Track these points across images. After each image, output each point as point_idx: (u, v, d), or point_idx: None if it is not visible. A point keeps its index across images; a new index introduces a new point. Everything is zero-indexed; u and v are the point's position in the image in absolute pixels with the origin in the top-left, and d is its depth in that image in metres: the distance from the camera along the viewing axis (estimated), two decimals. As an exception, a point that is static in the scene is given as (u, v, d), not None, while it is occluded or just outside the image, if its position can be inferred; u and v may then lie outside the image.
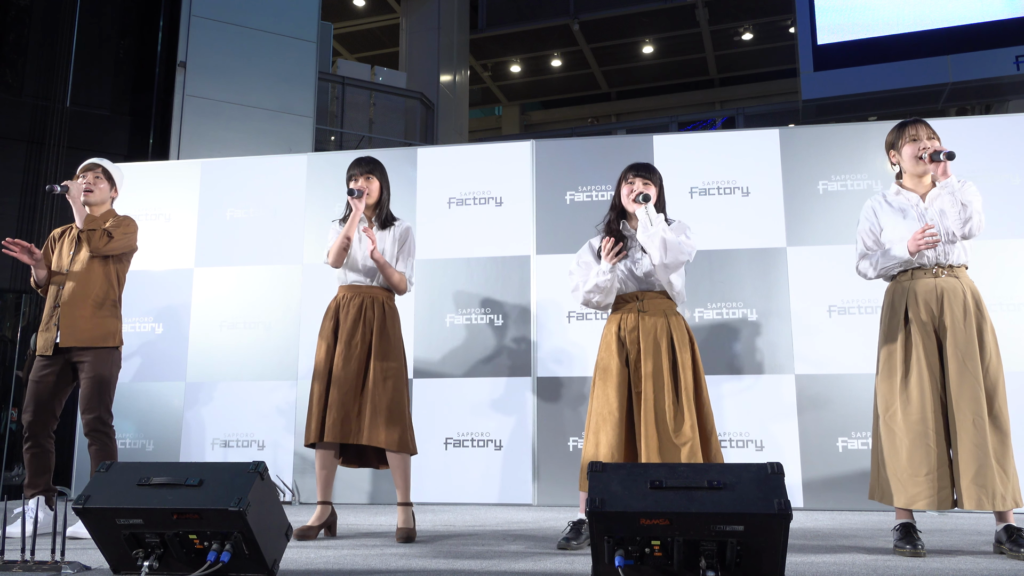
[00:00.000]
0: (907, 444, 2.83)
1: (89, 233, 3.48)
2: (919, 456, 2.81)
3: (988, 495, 2.70)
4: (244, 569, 2.22)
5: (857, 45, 10.32)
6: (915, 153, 3.01)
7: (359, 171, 3.48)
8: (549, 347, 4.84)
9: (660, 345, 3.04)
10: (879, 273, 3.08)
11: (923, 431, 2.81)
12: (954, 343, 2.85)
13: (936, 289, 2.92)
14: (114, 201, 3.75)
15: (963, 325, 2.86)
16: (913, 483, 2.80)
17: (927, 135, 3.03)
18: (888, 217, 3.06)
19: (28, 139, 7.33)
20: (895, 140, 3.11)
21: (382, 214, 3.52)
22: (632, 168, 3.22)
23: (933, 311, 2.90)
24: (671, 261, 3.04)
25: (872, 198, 3.17)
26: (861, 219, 3.18)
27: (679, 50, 14.64)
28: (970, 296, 2.91)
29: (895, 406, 2.90)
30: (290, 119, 8.37)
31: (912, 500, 2.80)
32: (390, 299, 3.46)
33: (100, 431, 3.44)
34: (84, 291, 3.51)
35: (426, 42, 12.16)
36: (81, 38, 7.73)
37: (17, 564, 2.36)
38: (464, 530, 3.55)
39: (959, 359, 2.83)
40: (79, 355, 3.48)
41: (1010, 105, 10.42)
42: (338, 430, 3.22)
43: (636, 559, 2.05)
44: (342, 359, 3.30)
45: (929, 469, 2.79)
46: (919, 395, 2.85)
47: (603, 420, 3.01)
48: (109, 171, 3.70)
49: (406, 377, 3.43)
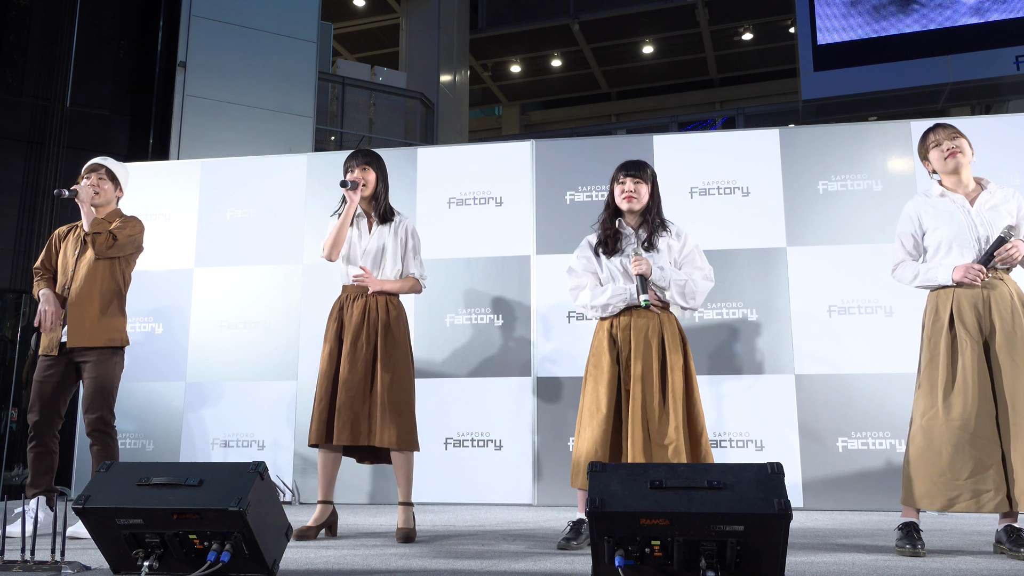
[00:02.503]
0: (949, 448, 2.79)
1: (94, 236, 3.47)
2: (961, 460, 2.77)
3: None
4: (244, 569, 2.22)
5: (857, 45, 10.32)
6: (941, 156, 3.02)
7: (355, 162, 3.46)
8: (549, 347, 4.84)
9: (651, 345, 3.06)
10: (920, 284, 3.04)
11: (965, 435, 2.77)
12: (1005, 345, 2.81)
13: (982, 295, 2.89)
14: (120, 200, 3.74)
15: (1012, 326, 2.83)
16: (953, 487, 2.77)
17: (948, 136, 3.03)
18: (933, 220, 3.02)
19: (28, 139, 7.33)
20: (922, 150, 3.12)
21: (380, 207, 3.48)
22: (622, 167, 3.25)
23: (980, 315, 2.87)
24: (696, 302, 3.16)
25: (914, 199, 3.13)
26: (902, 221, 3.13)
27: (679, 50, 14.65)
28: (1016, 297, 2.89)
29: (935, 409, 2.86)
30: (290, 119, 8.37)
31: (950, 503, 2.77)
32: (394, 298, 3.45)
33: (102, 431, 3.44)
34: (91, 291, 3.50)
35: (426, 42, 12.16)
36: (81, 38, 7.73)
37: (17, 564, 2.36)
38: (464, 530, 3.55)
39: (1011, 360, 2.80)
40: (83, 355, 3.48)
41: (1010, 105, 10.42)
42: (348, 433, 3.21)
43: (636, 559, 2.05)
44: (348, 361, 3.28)
45: (971, 472, 2.75)
46: (962, 399, 2.81)
47: (590, 416, 3.04)
48: (113, 171, 3.68)
49: (412, 376, 3.42)
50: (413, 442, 3.34)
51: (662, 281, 3.10)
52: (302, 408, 4.96)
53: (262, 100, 8.23)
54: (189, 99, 7.93)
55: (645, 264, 3.07)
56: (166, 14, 8.11)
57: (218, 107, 8.02)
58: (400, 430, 3.26)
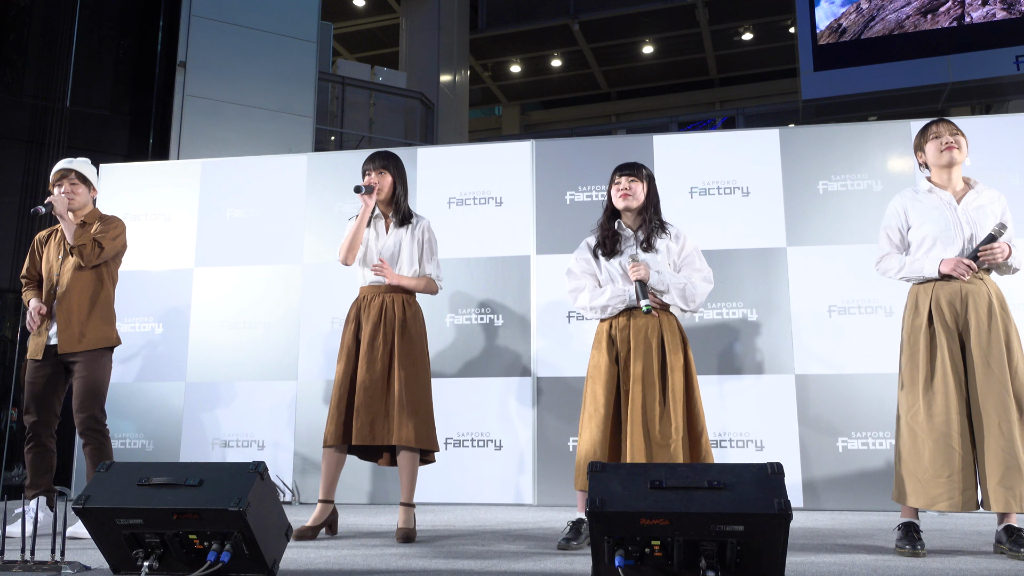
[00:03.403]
0: (930, 446, 2.81)
1: (80, 249, 3.45)
2: (942, 458, 2.79)
3: (1016, 498, 2.69)
4: (244, 569, 2.22)
5: (857, 45, 10.32)
6: (938, 148, 3.01)
7: (371, 166, 3.46)
8: (549, 347, 4.84)
9: (651, 345, 3.06)
10: (903, 277, 3.06)
11: (946, 433, 2.80)
12: (979, 344, 2.83)
13: (961, 291, 2.90)
14: (95, 200, 3.72)
15: (987, 326, 2.84)
16: (935, 484, 2.79)
17: (949, 131, 3.03)
18: (919, 215, 3.04)
19: (28, 139, 7.32)
20: (919, 141, 3.12)
21: (399, 210, 3.48)
22: (618, 169, 3.27)
23: (957, 312, 2.89)
24: (696, 305, 3.17)
25: (901, 194, 3.14)
26: (888, 215, 3.14)
27: (679, 50, 14.65)
28: (995, 298, 2.90)
29: (917, 406, 2.88)
30: (290, 119, 8.36)
31: (933, 501, 2.79)
32: (411, 297, 3.45)
33: (94, 430, 3.44)
34: (79, 296, 3.49)
35: (426, 42, 12.16)
36: (81, 38, 7.73)
37: (17, 564, 2.36)
38: (464, 530, 3.55)
39: (984, 360, 2.81)
40: (72, 355, 3.47)
41: (1010, 105, 10.42)
42: (367, 433, 3.21)
43: (636, 559, 2.05)
44: (366, 361, 3.28)
45: (952, 471, 2.77)
46: (943, 397, 2.83)
47: (589, 417, 3.05)
48: (83, 172, 3.62)
49: (429, 375, 3.42)
50: (431, 440, 3.33)
51: (660, 285, 3.10)
52: (302, 408, 4.96)
53: (262, 100, 8.23)
54: (189, 99, 7.93)
55: (643, 270, 3.07)
56: (166, 14, 8.11)
57: (218, 107, 8.02)
58: (418, 428, 3.25)
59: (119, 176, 5.45)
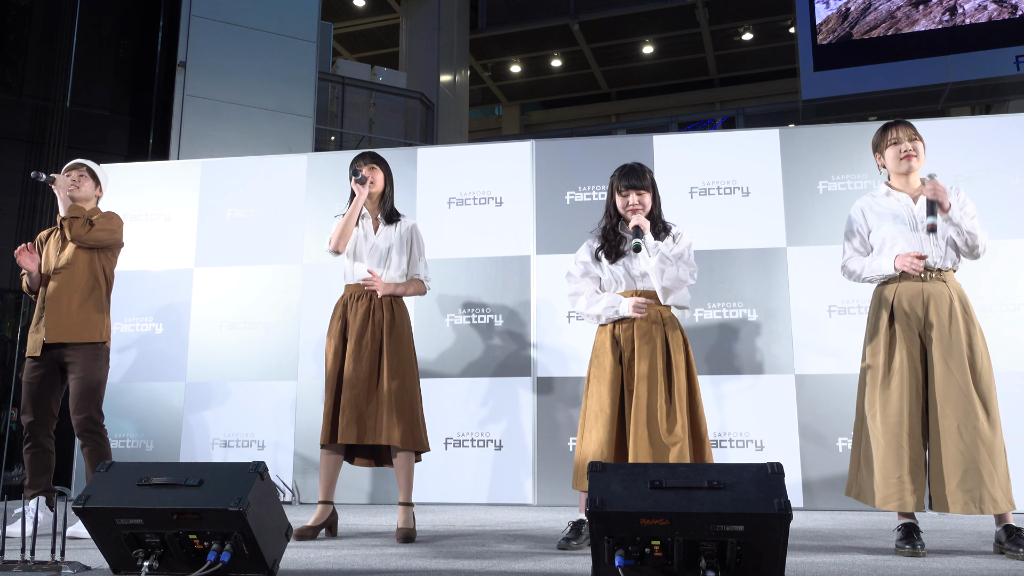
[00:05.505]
0: (883, 445, 2.86)
1: (71, 220, 3.47)
2: (892, 459, 2.83)
3: (976, 500, 2.71)
4: (244, 569, 2.23)
5: (857, 45, 10.32)
6: (897, 155, 3.04)
7: (364, 162, 3.49)
8: (549, 347, 4.84)
9: (655, 344, 3.05)
10: (866, 278, 3.10)
11: (898, 433, 2.83)
12: (939, 346, 2.85)
13: (922, 293, 2.93)
14: (99, 200, 3.74)
15: (948, 328, 2.86)
16: (886, 484, 2.83)
17: (908, 136, 3.04)
18: (878, 218, 3.07)
19: (28, 139, 7.33)
20: (878, 142, 3.13)
21: (386, 208, 3.52)
22: (622, 178, 3.17)
23: (918, 314, 2.92)
24: (670, 285, 3.08)
25: (861, 199, 3.18)
26: (849, 220, 3.19)
27: (679, 50, 14.64)
28: (956, 299, 2.91)
29: (875, 406, 2.92)
30: (290, 119, 8.37)
31: (884, 501, 2.82)
32: (398, 297, 3.46)
33: (92, 431, 3.44)
34: (69, 286, 3.50)
35: (426, 42, 12.16)
36: (81, 38, 7.73)
37: (17, 564, 2.36)
38: (464, 530, 3.55)
39: (944, 362, 2.83)
40: (66, 355, 3.47)
41: (1010, 105, 10.41)
42: (352, 431, 3.21)
43: (636, 559, 2.05)
44: (353, 359, 3.29)
45: (901, 473, 2.81)
46: (898, 397, 2.87)
47: (595, 418, 3.03)
48: (94, 171, 3.69)
49: (417, 375, 3.43)
50: (419, 441, 3.33)
51: (653, 249, 3.05)
52: (302, 408, 4.96)
53: (262, 100, 8.23)
54: (189, 99, 7.93)
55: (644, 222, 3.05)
56: (166, 14, 8.11)
57: (218, 107, 8.02)
58: (405, 428, 3.25)
59: (119, 176, 5.44)
